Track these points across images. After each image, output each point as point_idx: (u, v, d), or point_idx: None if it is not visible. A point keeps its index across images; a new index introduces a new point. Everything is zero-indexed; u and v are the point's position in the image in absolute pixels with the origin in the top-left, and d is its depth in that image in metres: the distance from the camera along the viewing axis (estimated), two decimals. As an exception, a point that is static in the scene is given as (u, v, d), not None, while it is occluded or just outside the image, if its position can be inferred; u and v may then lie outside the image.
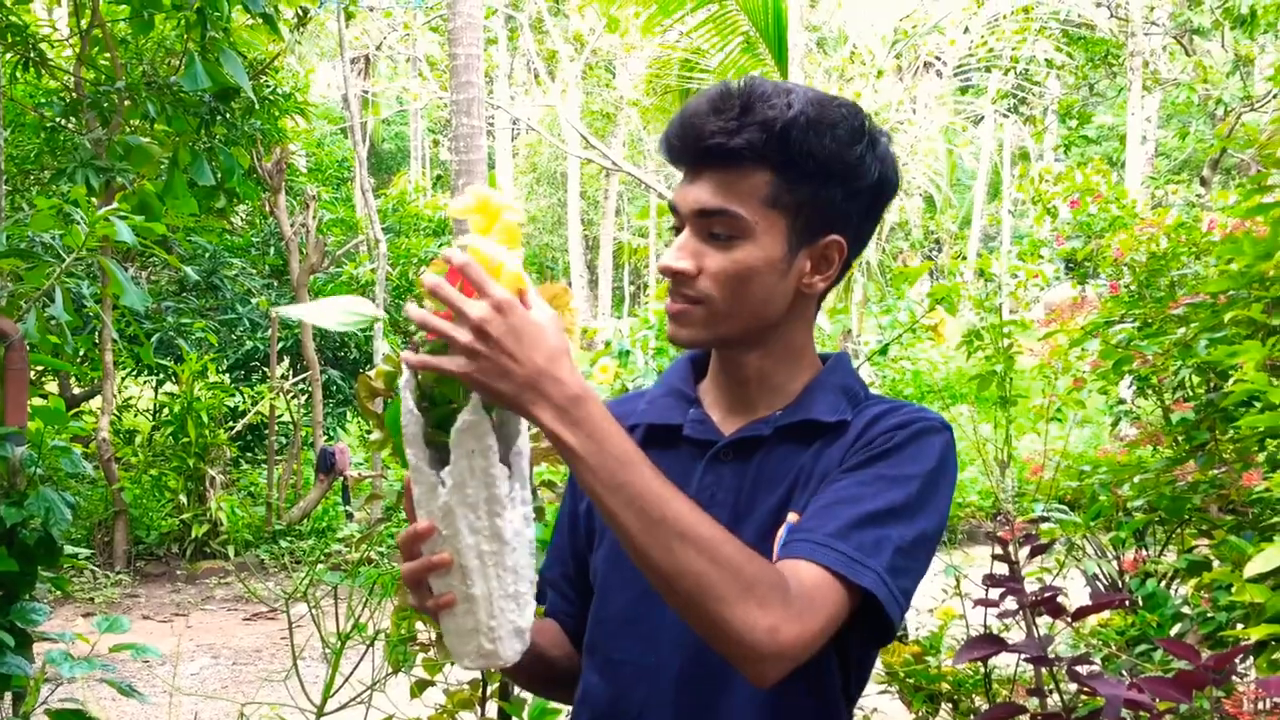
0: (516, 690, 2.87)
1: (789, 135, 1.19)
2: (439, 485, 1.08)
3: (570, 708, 1.43)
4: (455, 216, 1.11)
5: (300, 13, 8.13)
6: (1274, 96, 11.09)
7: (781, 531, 1.23)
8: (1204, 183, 11.97)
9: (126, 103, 6.67)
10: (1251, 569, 2.23)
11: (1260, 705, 2.27)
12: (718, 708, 1.24)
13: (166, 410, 10.62)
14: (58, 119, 7.34)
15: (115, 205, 3.33)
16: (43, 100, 7.70)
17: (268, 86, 8.45)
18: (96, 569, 8.67)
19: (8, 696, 2.98)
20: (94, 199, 6.10)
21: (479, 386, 1.03)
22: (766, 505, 1.25)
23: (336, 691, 3.20)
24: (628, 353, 8.64)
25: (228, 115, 7.18)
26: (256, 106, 7.74)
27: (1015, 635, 2.58)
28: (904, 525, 1.17)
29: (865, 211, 1.28)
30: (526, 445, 1.14)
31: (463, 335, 1.02)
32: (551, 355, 1.03)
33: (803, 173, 1.21)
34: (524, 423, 1.13)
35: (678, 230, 1.25)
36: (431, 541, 1.10)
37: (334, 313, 1.12)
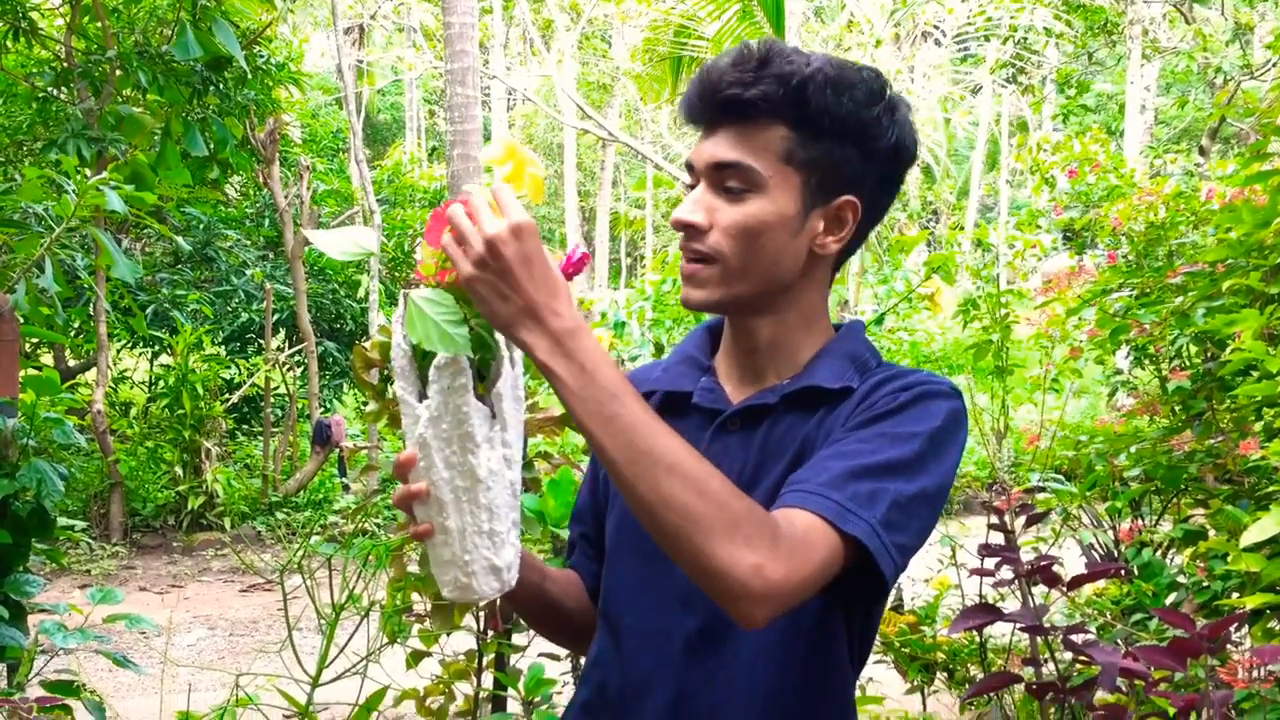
0: (512, 660, 2.88)
1: (805, 90, 1.19)
2: (419, 418, 1.12)
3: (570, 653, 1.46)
4: (488, 163, 1.15)
5: (293, -19, 8.06)
6: (1273, 65, 11.03)
7: None
8: (1203, 152, 11.92)
9: (118, 72, 6.62)
10: (1247, 538, 2.23)
11: (1255, 673, 2.27)
12: (725, 673, 1.23)
13: (161, 382, 10.62)
14: (49, 89, 7.29)
15: (107, 175, 3.31)
16: (34, 70, 7.64)
17: (260, 56, 8.38)
18: (92, 541, 8.68)
19: (2, 668, 2.98)
20: (86, 169, 6.06)
21: (479, 300, 1.06)
22: (773, 475, 1.23)
23: (332, 662, 3.20)
24: (623, 324, 8.62)
25: (220, 85, 7.13)
26: (249, 76, 7.68)
27: (1011, 605, 2.59)
28: (903, 481, 1.14)
29: (881, 176, 1.27)
30: (511, 388, 1.16)
31: (477, 244, 1.04)
32: (553, 289, 1.06)
33: (818, 130, 1.21)
34: (509, 366, 1.16)
35: (691, 186, 1.25)
36: (415, 471, 1.14)
37: (340, 242, 1.16)
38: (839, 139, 1.22)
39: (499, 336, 1.13)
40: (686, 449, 1.04)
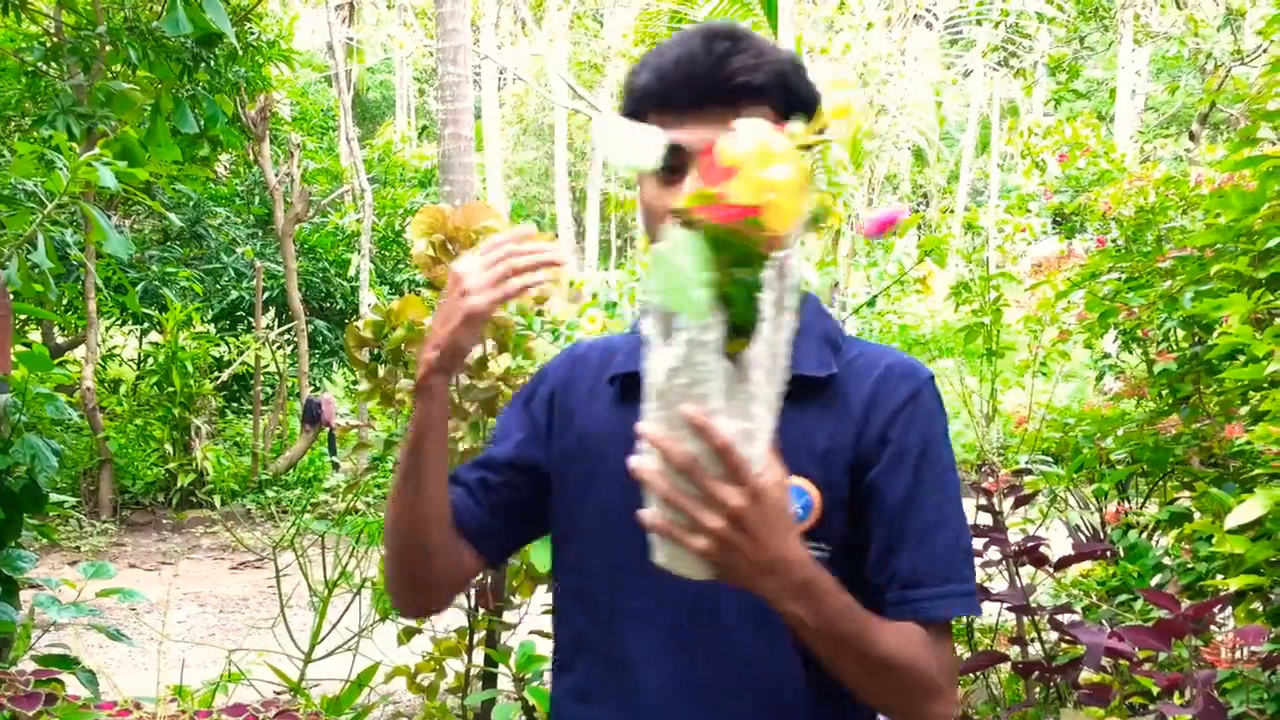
0: (503, 638, 2.90)
1: (788, 76, 1.23)
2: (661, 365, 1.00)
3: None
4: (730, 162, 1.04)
5: (284, -43, 8.02)
6: (1264, 51, 11.04)
7: None
8: (1192, 137, 11.93)
9: (108, 48, 6.57)
10: (1232, 520, 2.25)
11: (1238, 653, 2.30)
12: (721, 649, 1.24)
13: (151, 360, 10.60)
14: (38, 64, 7.24)
15: (97, 151, 3.30)
16: (23, 45, 7.59)
17: (251, 33, 8.34)
18: (82, 517, 8.68)
19: (-5, 642, 2.98)
20: (75, 145, 6.03)
21: (719, 565, 1.04)
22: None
23: (324, 638, 3.22)
24: (614, 304, 8.64)
25: (210, 62, 7.09)
26: (240, 53, 7.64)
27: (998, 585, 2.61)
28: (961, 514, 1.26)
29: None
30: (768, 358, 1.03)
31: (716, 522, 1.01)
32: (787, 536, 1.06)
33: (792, 112, 1.23)
34: (770, 332, 1.03)
35: (671, 173, 1.22)
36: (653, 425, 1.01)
37: (623, 147, 1.05)
38: (804, 120, 1.24)
39: (764, 298, 1.00)
40: (899, 641, 1.17)
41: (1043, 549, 2.41)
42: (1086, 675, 2.36)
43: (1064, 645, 2.63)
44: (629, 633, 1.28)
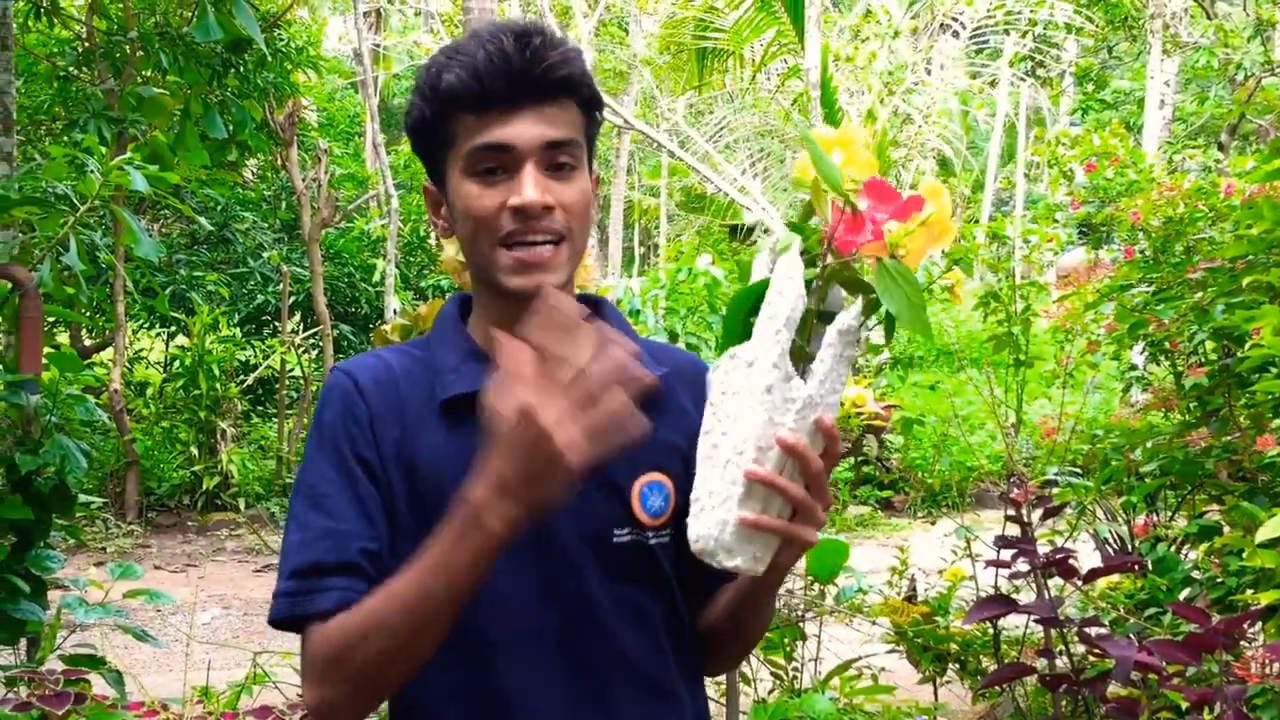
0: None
1: (587, 71, 1.27)
2: (791, 378, 1.09)
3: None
4: (816, 141, 1.14)
5: (313, -36, 8.07)
6: (1294, 62, 10.96)
7: (640, 489, 1.27)
8: (1221, 148, 11.83)
9: (139, 53, 6.64)
10: (1263, 534, 2.23)
11: (1269, 669, 2.27)
12: (604, 652, 1.26)
13: (178, 363, 10.66)
14: (70, 69, 7.32)
15: (128, 155, 3.33)
16: (55, 50, 7.67)
17: (280, 39, 8.40)
18: (109, 518, 8.73)
19: (23, 642, 3.00)
20: (106, 149, 6.08)
21: (800, 552, 1.20)
22: (613, 464, 1.18)
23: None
24: (638, 312, 8.63)
25: (240, 68, 7.15)
26: (269, 59, 7.70)
27: (1026, 597, 2.59)
28: None
29: None
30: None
31: (824, 517, 1.16)
32: None
33: (592, 105, 1.28)
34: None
35: (492, 171, 1.22)
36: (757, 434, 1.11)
37: None
38: (597, 113, 1.30)
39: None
40: None
41: (1071, 561, 2.40)
42: (1114, 689, 2.34)
43: (1092, 658, 2.61)
44: (509, 664, 1.24)
